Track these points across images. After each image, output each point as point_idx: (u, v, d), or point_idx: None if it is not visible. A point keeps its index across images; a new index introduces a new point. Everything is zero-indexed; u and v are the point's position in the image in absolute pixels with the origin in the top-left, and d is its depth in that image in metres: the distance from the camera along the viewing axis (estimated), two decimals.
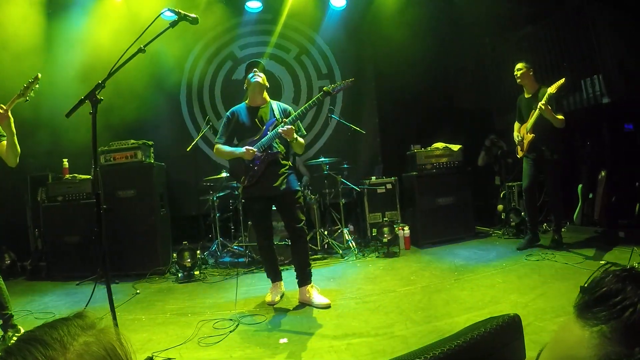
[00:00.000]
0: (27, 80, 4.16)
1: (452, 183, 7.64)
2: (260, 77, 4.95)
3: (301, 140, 4.92)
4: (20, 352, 0.79)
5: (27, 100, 4.18)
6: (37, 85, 4.18)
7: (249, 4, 9.06)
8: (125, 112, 7.33)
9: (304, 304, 4.85)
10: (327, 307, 4.67)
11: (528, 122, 6.27)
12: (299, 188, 5.08)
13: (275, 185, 4.85)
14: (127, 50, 3.27)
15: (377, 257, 6.92)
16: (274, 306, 4.89)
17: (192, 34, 8.80)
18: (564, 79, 5.78)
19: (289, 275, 5.44)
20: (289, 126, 4.68)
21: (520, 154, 6.57)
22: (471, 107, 9.78)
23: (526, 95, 6.45)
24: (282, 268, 5.55)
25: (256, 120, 4.97)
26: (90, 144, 7.06)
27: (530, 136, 6.26)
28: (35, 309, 5.38)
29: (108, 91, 3.37)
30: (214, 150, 5.14)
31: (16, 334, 4.28)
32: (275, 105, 5.08)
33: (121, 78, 3.37)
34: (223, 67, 9.41)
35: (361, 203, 8.05)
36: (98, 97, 3.16)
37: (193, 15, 3.42)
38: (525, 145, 6.37)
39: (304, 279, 4.96)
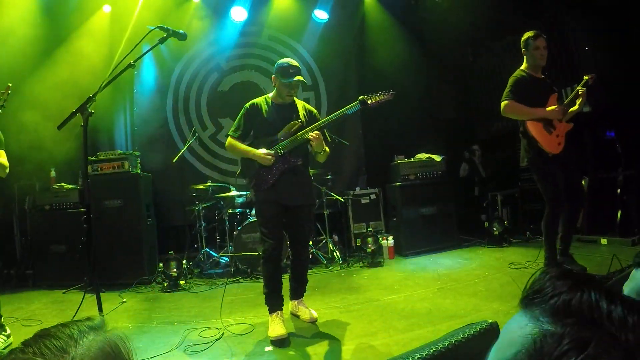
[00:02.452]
0: None
1: (435, 193, 7.73)
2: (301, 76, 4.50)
3: (327, 149, 4.58)
4: (36, 344, 0.90)
5: (0, 112, 4.24)
6: (7, 97, 4.25)
7: (234, 17, 9.13)
8: (112, 123, 7.36)
9: (292, 314, 4.81)
10: (315, 321, 4.57)
11: (568, 108, 5.20)
12: (315, 203, 4.83)
13: (293, 195, 4.49)
14: (118, 64, 3.34)
15: (361, 267, 6.98)
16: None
17: (178, 46, 8.85)
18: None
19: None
20: (317, 133, 4.35)
21: (557, 149, 5.17)
22: (453, 117, 9.92)
23: (533, 73, 5.32)
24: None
25: (281, 118, 4.55)
26: (76, 154, 7.14)
27: (569, 125, 5.24)
28: (22, 316, 5.38)
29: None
30: (227, 143, 4.68)
31: (3, 333, 4.43)
32: (300, 105, 4.72)
33: (107, 89, 3.42)
34: (209, 78, 9.46)
35: (345, 213, 8.14)
36: (89, 110, 3.22)
37: (181, 31, 3.52)
38: (562, 138, 5.20)
39: (298, 292, 4.81)
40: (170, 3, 8.59)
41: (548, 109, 5.13)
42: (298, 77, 4.42)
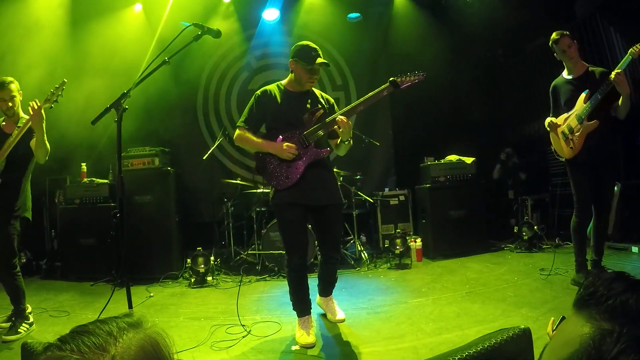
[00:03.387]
0: (54, 85, 4.29)
1: (465, 196, 7.63)
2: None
3: (351, 140, 4.08)
4: (74, 341, 0.86)
5: (52, 107, 4.31)
6: (62, 91, 4.31)
7: (266, 15, 9.16)
8: (143, 119, 7.42)
9: (322, 312, 4.68)
10: (342, 321, 4.41)
11: (579, 108, 4.93)
12: (343, 202, 4.34)
13: (320, 193, 4.06)
14: (152, 61, 3.36)
15: (389, 268, 6.93)
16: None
17: (210, 43, 8.91)
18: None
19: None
20: (346, 117, 3.87)
21: (568, 154, 5.07)
22: (484, 119, 9.80)
23: (567, 76, 5.13)
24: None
25: (298, 107, 4.09)
26: (106, 149, 7.23)
27: (590, 125, 4.80)
28: (50, 307, 5.50)
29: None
30: (235, 136, 4.17)
31: (25, 322, 4.57)
32: (317, 92, 4.32)
33: (139, 86, 3.45)
34: (239, 77, 9.52)
35: (374, 214, 8.11)
36: (123, 105, 3.25)
37: (216, 29, 3.53)
38: (577, 141, 4.93)
39: (327, 290, 4.58)
40: (201, 2, 8.64)
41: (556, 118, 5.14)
42: (320, 60, 3.98)
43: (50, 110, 4.34)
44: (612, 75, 4.53)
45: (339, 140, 4.08)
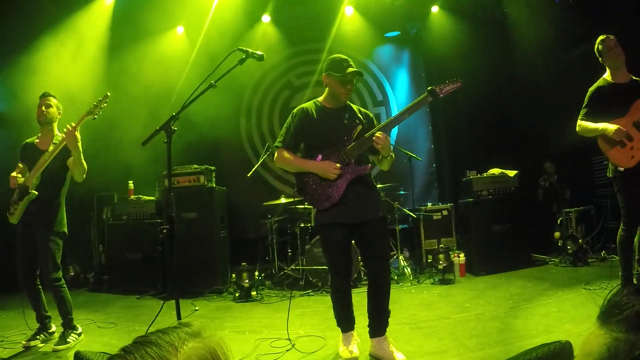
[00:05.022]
0: (97, 98, 4.49)
1: (508, 209, 7.54)
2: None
3: (392, 154, 3.99)
4: (138, 352, 0.92)
5: (95, 118, 4.54)
6: (105, 104, 4.50)
7: (306, 34, 9.33)
8: (188, 138, 7.61)
9: (372, 357, 4.06)
10: None
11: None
12: (387, 216, 4.17)
13: (362, 210, 3.91)
14: (200, 85, 3.50)
15: (432, 283, 6.93)
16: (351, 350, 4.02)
17: (251, 62, 9.08)
18: None
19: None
20: (383, 134, 3.77)
21: (628, 164, 4.72)
22: (526, 130, 9.72)
23: (612, 80, 4.93)
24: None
25: (337, 123, 3.99)
26: (152, 167, 7.45)
27: None
28: (98, 319, 5.71)
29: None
30: (275, 157, 4.11)
31: (74, 332, 4.78)
32: (355, 108, 4.18)
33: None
34: (281, 95, 9.71)
35: (417, 229, 8.09)
36: (172, 128, 3.39)
37: (259, 53, 3.65)
38: (638, 150, 4.66)
39: (379, 328, 4.05)
40: (241, 23, 8.87)
41: (609, 125, 4.73)
42: (352, 69, 3.86)
43: (96, 128, 4.53)
44: None
45: (380, 155, 3.98)
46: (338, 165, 3.83)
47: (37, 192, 4.62)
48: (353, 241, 4.76)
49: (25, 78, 7.29)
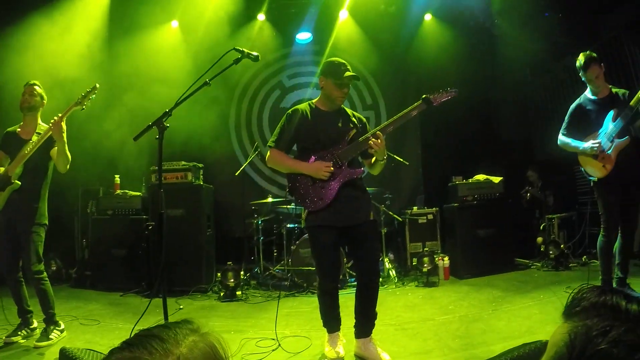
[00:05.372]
0: (85, 89, 4.52)
1: (492, 215, 7.63)
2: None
3: (386, 158, 3.97)
4: (142, 344, 0.97)
5: (83, 109, 4.57)
6: (94, 95, 4.52)
7: (299, 36, 9.37)
8: (177, 134, 7.61)
9: (358, 358, 4.09)
10: None
11: (609, 127, 4.95)
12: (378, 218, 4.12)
13: (353, 212, 3.93)
14: (194, 83, 3.52)
15: (416, 286, 6.98)
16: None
17: (244, 61, 9.08)
18: None
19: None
20: (381, 137, 3.78)
21: (601, 173, 4.99)
22: (512, 138, 9.82)
23: (592, 96, 5.16)
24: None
25: (331, 126, 4.01)
26: (139, 162, 7.43)
27: (622, 142, 4.88)
28: (80, 315, 5.67)
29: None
30: (267, 156, 4.10)
31: (56, 328, 4.74)
32: (349, 112, 4.22)
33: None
34: (271, 95, 9.74)
35: (402, 232, 8.14)
36: (165, 124, 3.41)
37: (255, 53, 3.69)
38: (609, 160, 4.92)
39: (366, 329, 4.07)
40: (236, 20, 8.88)
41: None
42: (349, 73, 3.91)
43: (84, 121, 4.52)
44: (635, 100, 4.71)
45: (374, 159, 4.02)
46: (330, 164, 3.85)
47: (20, 183, 4.59)
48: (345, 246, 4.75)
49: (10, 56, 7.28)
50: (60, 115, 4.47)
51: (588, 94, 5.23)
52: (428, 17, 9.65)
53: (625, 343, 0.91)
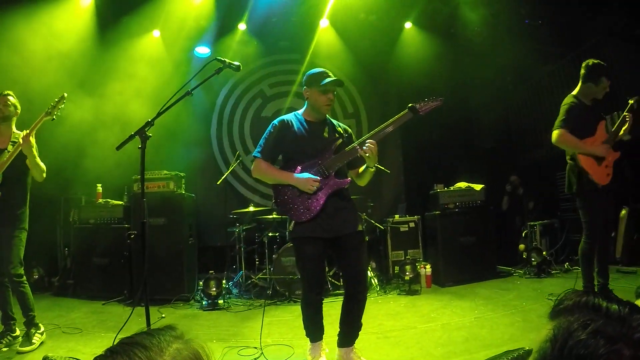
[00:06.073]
0: (54, 100, 4.54)
1: (474, 222, 7.68)
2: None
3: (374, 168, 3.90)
4: (125, 352, 0.95)
5: (54, 119, 4.60)
6: (62, 105, 4.56)
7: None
8: (158, 143, 7.57)
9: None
10: None
11: (608, 136, 5.07)
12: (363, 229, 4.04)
13: (340, 223, 3.85)
14: (176, 92, 3.50)
15: (398, 294, 6.98)
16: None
17: (225, 70, 9.07)
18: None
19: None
20: (374, 143, 3.73)
21: (605, 181, 5.02)
22: (493, 145, 9.91)
23: (583, 99, 5.19)
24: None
25: (316, 136, 3.97)
26: (121, 171, 7.38)
27: (616, 154, 5.06)
28: (63, 323, 5.63)
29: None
30: (253, 167, 4.02)
31: (38, 331, 4.78)
32: (335, 122, 4.20)
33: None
34: (253, 103, 9.73)
35: (384, 241, 8.15)
36: (147, 133, 3.39)
37: (237, 63, 3.70)
38: (610, 168, 5.03)
39: (349, 339, 4.02)
40: (217, 30, 8.88)
41: (594, 145, 5.00)
42: (332, 77, 3.90)
43: (67, 130, 4.52)
44: (626, 115, 4.98)
45: (364, 167, 3.96)
46: (317, 178, 3.79)
47: (0, 192, 4.59)
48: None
49: None
50: (28, 131, 4.50)
51: (582, 98, 5.19)
52: (408, 25, 9.71)
53: (604, 334, 0.98)
